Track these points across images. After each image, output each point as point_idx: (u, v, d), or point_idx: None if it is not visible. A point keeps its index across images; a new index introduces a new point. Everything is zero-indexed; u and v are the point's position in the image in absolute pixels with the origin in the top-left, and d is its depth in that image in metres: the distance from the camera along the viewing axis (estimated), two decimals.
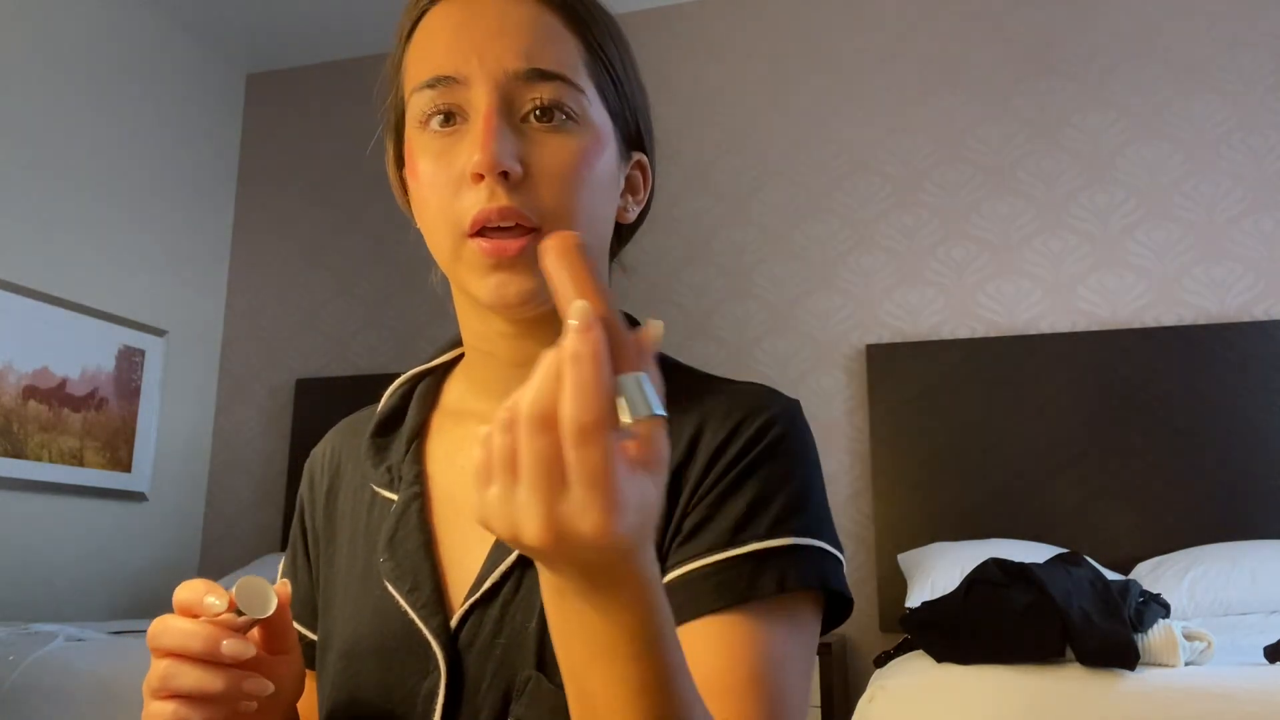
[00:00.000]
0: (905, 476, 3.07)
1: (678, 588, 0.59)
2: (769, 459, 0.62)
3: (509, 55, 0.61)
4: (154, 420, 3.66)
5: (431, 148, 0.62)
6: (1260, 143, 3.03)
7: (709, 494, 0.62)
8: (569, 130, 0.62)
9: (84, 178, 3.44)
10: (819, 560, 0.61)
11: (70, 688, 2.16)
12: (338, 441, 0.78)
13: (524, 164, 0.60)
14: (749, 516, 0.60)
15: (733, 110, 3.55)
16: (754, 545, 0.59)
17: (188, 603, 0.55)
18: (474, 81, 0.60)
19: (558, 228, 0.60)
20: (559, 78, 0.61)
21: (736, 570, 0.59)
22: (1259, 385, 2.83)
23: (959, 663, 1.76)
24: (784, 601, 0.59)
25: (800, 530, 0.61)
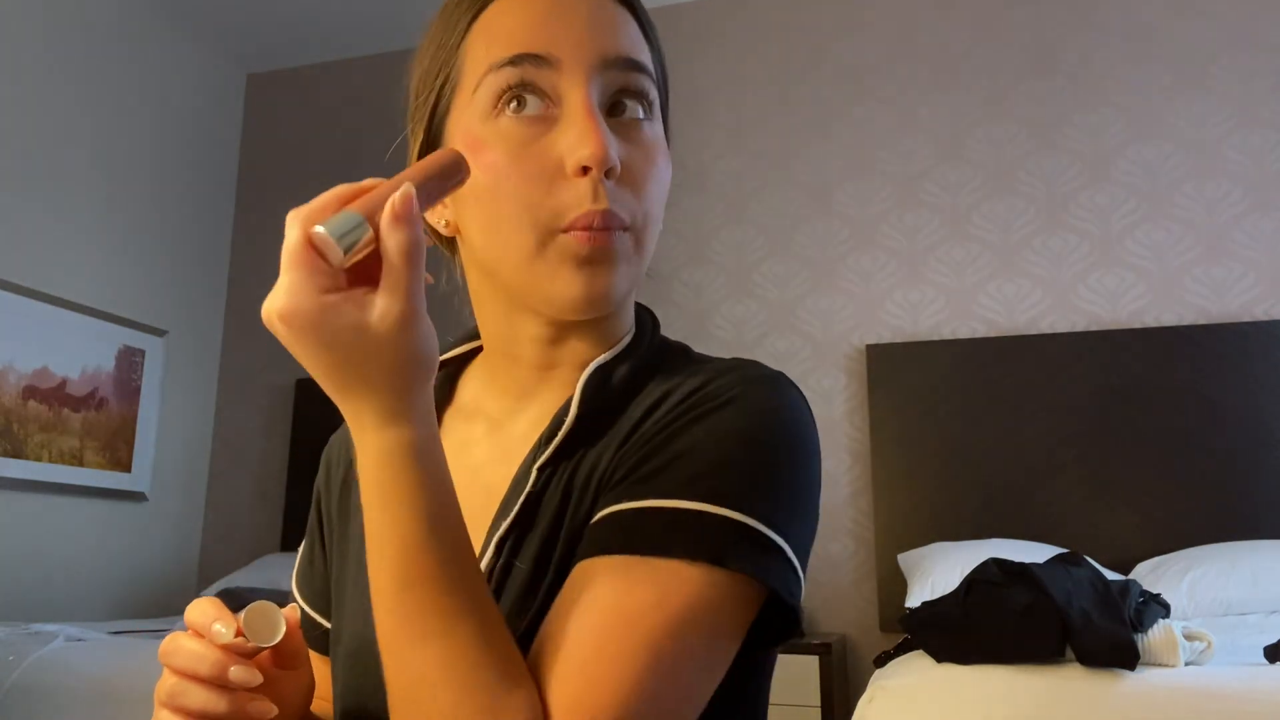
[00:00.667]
0: (905, 476, 3.07)
1: (582, 539, 0.56)
2: (706, 417, 0.56)
3: (607, 41, 0.59)
4: (154, 420, 3.66)
5: (512, 136, 0.58)
6: (1260, 143, 3.03)
7: (639, 449, 0.57)
8: (648, 128, 0.61)
9: (84, 178, 3.44)
10: (728, 534, 0.52)
11: (70, 688, 2.16)
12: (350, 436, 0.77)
13: (624, 162, 0.59)
14: (661, 470, 0.55)
15: (733, 110, 3.55)
16: (653, 500, 0.54)
17: (196, 625, 0.56)
18: (566, 65, 0.58)
19: (645, 230, 0.60)
20: (647, 71, 0.61)
21: (627, 522, 0.53)
22: (1259, 385, 2.83)
23: (959, 663, 1.76)
24: (673, 567, 0.52)
25: (711, 496, 0.53)
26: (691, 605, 0.52)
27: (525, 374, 0.66)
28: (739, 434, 0.56)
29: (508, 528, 0.61)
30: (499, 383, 0.68)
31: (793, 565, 0.55)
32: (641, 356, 0.65)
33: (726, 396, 0.57)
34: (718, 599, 0.53)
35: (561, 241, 0.57)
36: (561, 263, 0.58)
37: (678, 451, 0.56)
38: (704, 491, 0.54)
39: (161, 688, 0.56)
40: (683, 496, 0.54)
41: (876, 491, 3.08)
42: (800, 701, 2.65)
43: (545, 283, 0.59)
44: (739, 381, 0.58)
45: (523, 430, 0.66)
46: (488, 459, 0.67)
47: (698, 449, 0.55)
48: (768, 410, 0.57)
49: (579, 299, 0.58)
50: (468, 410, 0.70)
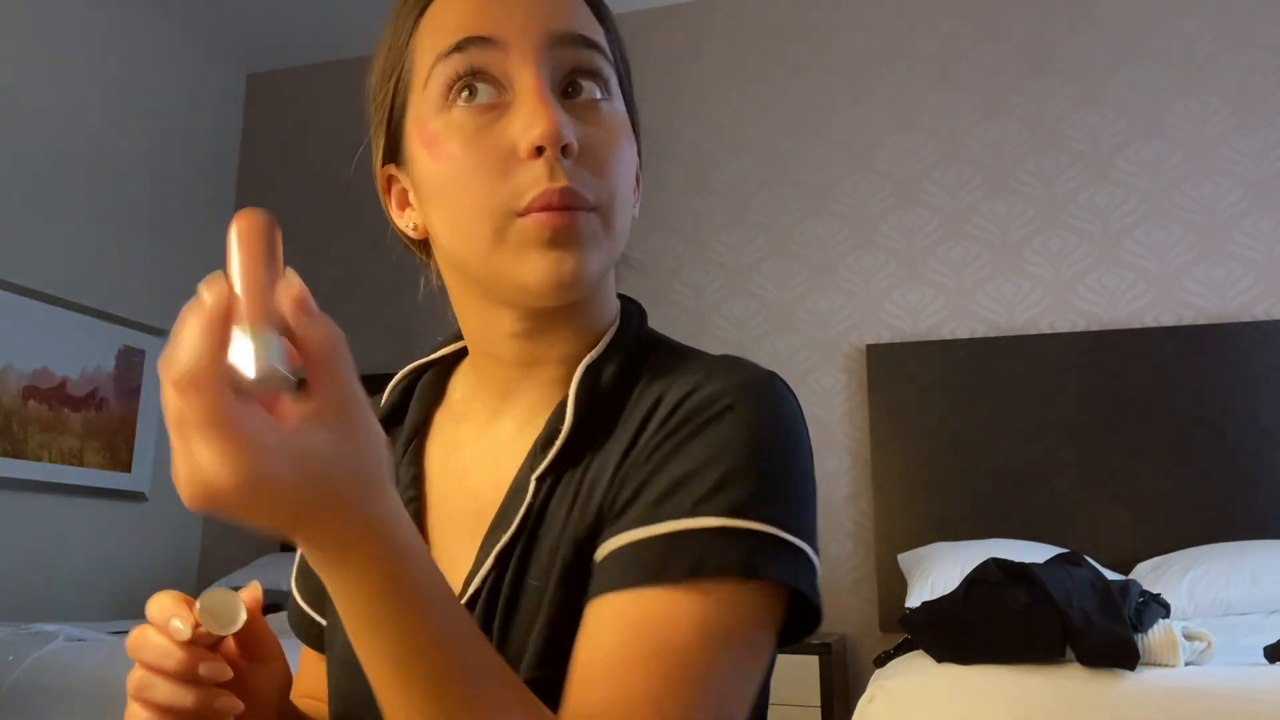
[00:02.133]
0: (905, 476, 3.07)
1: (598, 566, 0.55)
2: (707, 429, 0.55)
3: (553, 18, 0.57)
4: (154, 420, 3.66)
5: (465, 126, 0.57)
6: (1260, 143, 3.03)
7: (643, 467, 0.56)
8: (607, 109, 0.59)
9: (84, 177, 3.44)
10: (753, 545, 0.53)
11: (70, 688, 2.16)
12: None
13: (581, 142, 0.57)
14: (672, 491, 0.54)
15: (733, 110, 3.55)
16: (670, 525, 0.53)
17: (156, 621, 0.55)
18: (513, 45, 0.56)
19: (611, 207, 0.58)
20: (598, 47, 0.59)
21: (649, 550, 0.53)
22: (1259, 385, 2.83)
23: (959, 663, 1.76)
24: (706, 587, 0.52)
25: (732, 509, 0.53)
26: (730, 624, 0.52)
27: (507, 372, 0.65)
28: (744, 444, 0.55)
29: (509, 540, 0.60)
30: (483, 382, 0.68)
31: (812, 564, 0.56)
32: (629, 352, 0.64)
33: (724, 404, 0.56)
34: (753, 611, 0.53)
35: (522, 226, 0.56)
36: (525, 247, 0.56)
37: (684, 469, 0.55)
38: (720, 507, 0.53)
39: (131, 680, 0.56)
40: (700, 515, 0.53)
41: (876, 491, 3.08)
42: (800, 701, 2.65)
43: (512, 269, 0.57)
44: (734, 388, 0.57)
45: (510, 432, 0.66)
46: (475, 462, 0.66)
47: (705, 465, 0.54)
48: (766, 416, 0.57)
49: (548, 283, 0.56)
50: (457, 411, 0.70)
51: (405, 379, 0.73)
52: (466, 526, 0.64)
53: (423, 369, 0.73)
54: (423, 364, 0.73)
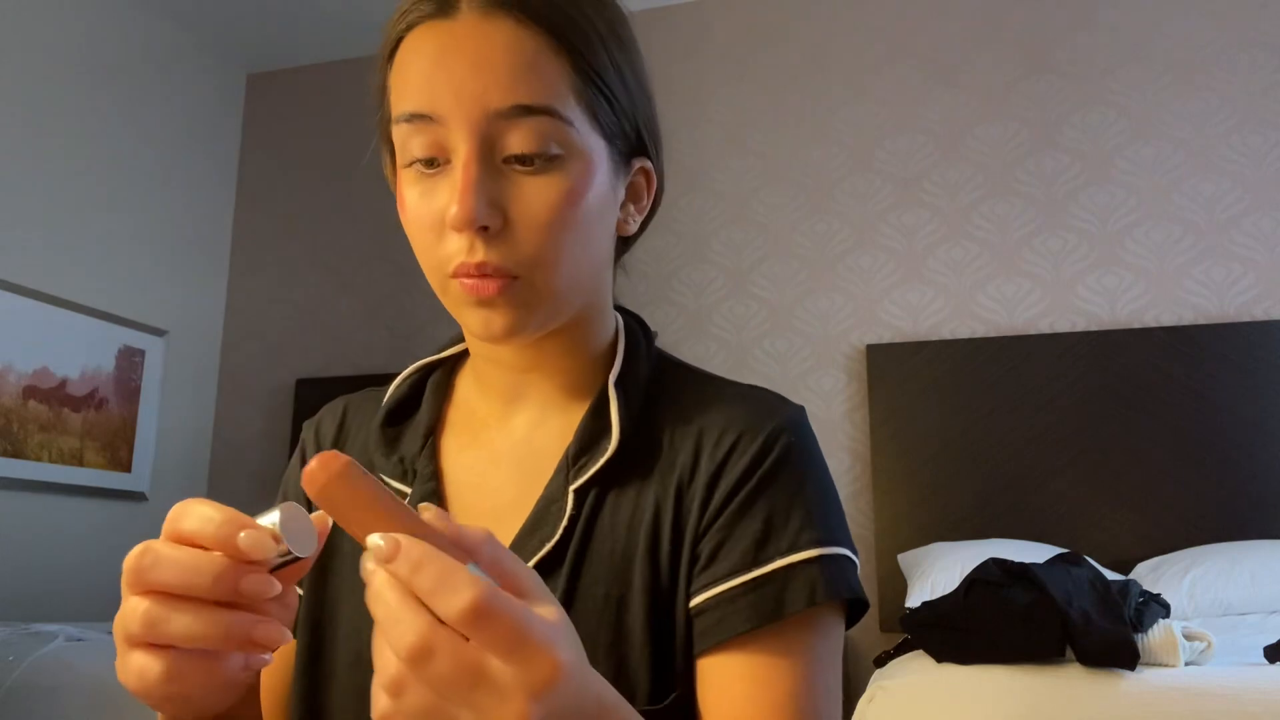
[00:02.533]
0: (905, 476, 3.07)
1: (704, 613, 0.60)
2: (779, 472, 0.62)
3: (489, 92, 0.57)
4: (154, 420, 3.66)
5: (415, 184, 0.61)
6: (1260, 143, 3.03)
7: (720, 515, 0.62)
8: (554, 168, 0.59)
9: (84, 178, 3.44)
10: (843, 568, 0.61)
11: (70, 688, 2.16)
12: (350, 415, 0.76)
13: (505, 211, 0.58)
14: (767, 533, 0.61)
15: (733, 110, 3.55)
16: (779, 562, 0.60)
17: (200, 536, 0.43)
18: (452, 122, 0.58)
19: (538, 275, 0.59)
20: (544, 111, 0.58)
21: (764, 589, 0.59)
22: (1259, 385, 2.83)
23: (959, 663, 1.76)
24: (812, 614, 0.60)
25: (823, 540, 0.61)
26: (831, 645, 0.61)
27: (507, 376, 0.69)
28: (811, 481, 0.64)
29: (553, 549, 0.62)
30: (486, 384, 0.71)
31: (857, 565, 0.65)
32: (648, 370, 0.69)
33: (785, 447, 0.64)
34: (839, 626, 0.63)
35: (454, 285, 0.60)
36: (459, 304, 0.61)
37: (770, 512, 0.62)
38: (815, 538, 0.61)
39: (129, 617, 0.43)
40: (801, 549, 0.60)
41: (876, 491, 3.08)
42: None
43: (457, 318, 0.63)
44: (785, 428, 0.64)
45: (524, 431, 0.68)
46: (494, 461, 0.68)
47: (786, 507, 0.62)
48: (814, 449, 0.66)
49: (486, 335, 0.61)
50: (466, 409, 0.72)
51: (414, 375, 0.74)
52: (485, 522, 0.65)
53: (430, 367, 0.75)
54: (430, 362, 0.75)
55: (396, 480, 0.69)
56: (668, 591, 0.62)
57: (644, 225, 0.72)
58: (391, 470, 0.69)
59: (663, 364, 0.72)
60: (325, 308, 3.90)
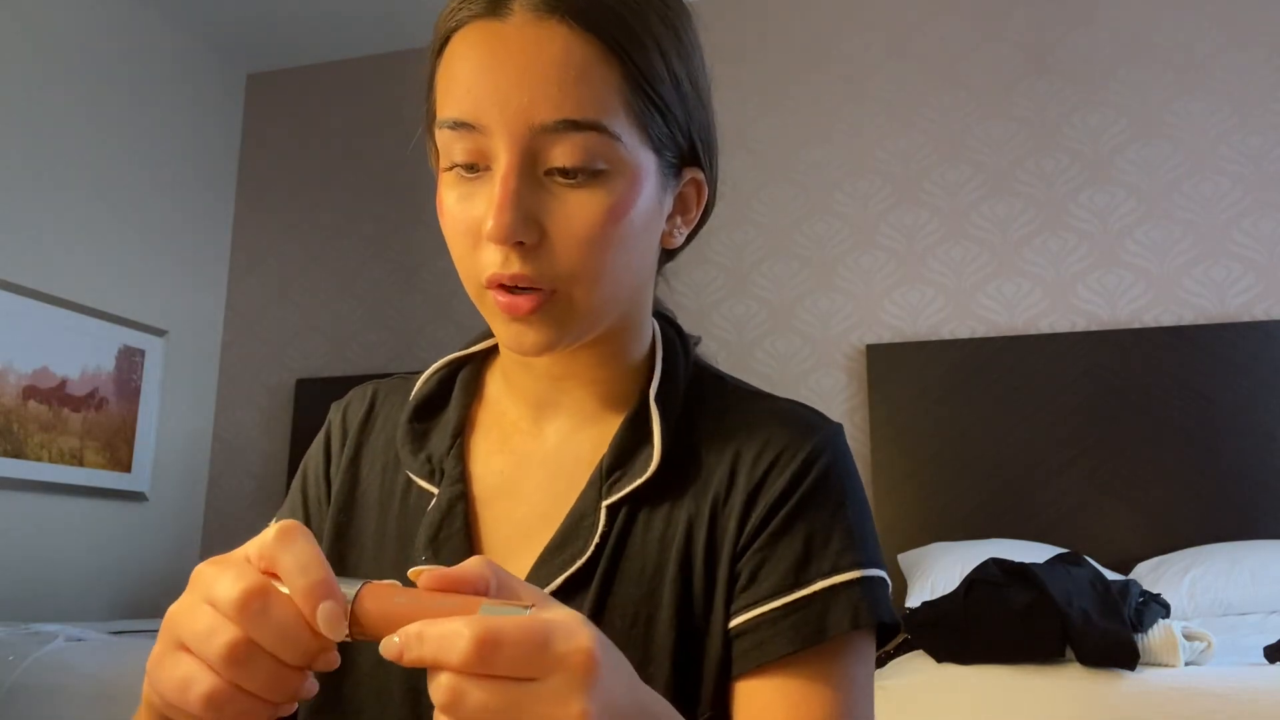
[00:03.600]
0: (905, 476, 3.07)
1: (745, 634, 0.60)
2: (818, 492, 0.62)
3: (535, 106, 0.55)
4: (154, 420, 3.65)
5: (455, 189, 0.60)
6: (1260, 143, 3.03)
7: (759, 535, 0.61)
8: (598, 183, 0.57)
9: (84, 178, 3.44)
10: (880, 590, 0.61)
11: (70, 688, 2.16)
12: (379, 403, 0.74)
13: (544, 225, 0.57)
14: (808, 554, 0.60)
15: (733, 110, 3.55)
16: (820, 583, 0.60)
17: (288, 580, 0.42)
18: (495, 132, 0.56)
19: (576, 290, 0.58)
20: (591, 127, 0.56)
21: (806, 610, 0.59)
22: (1259, 385, 2.83)
23: (959, 663, 1.76)
24: (851, 637, 0.60)
25: (863, 561, 0.61)
26: (867, 667, 0.61)
27: (539, 383, 0.67)
28: (849, 502, 0.63)
29: (584, 564, 0.61)
30: (516, 388, 0.69)
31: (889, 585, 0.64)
32: (686, 382, 0.68)
33: (824, 466, 0.63)
34: (872, 646, 0.62)
35: (489, 296, 0.59)
36: (493, 315, 0.60)
37: (810, 533, 0.61)
38: (854, 560, 0.61)
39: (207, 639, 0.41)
40: (841, 571, 0.60)
41: (876, 491, 3.08)
42: None
43: (491, 324, 0.62)
44: (825, 448, 0.64)
45: (555, 441, 0.67)
46: (524, 468, 0.67)
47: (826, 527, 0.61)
48: (852, 470, 0.65)
49: (517, 348, 0.61)
50: (496, 410, 0.71)
51: (442, 370, 0.73)
52: (515, 534, 0.65)
53: (459, 362, 0.74)
54: (459, 357, 0.74)
55: (424, 479, 0.67)
56: (701, 612, 0.61)
57: (691, 236, 0.70)
58: (419, 469, 0.68)
59: (701, 375, 0.70)
60: (325, 308, 3.90)
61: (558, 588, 0.61)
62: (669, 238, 0.66)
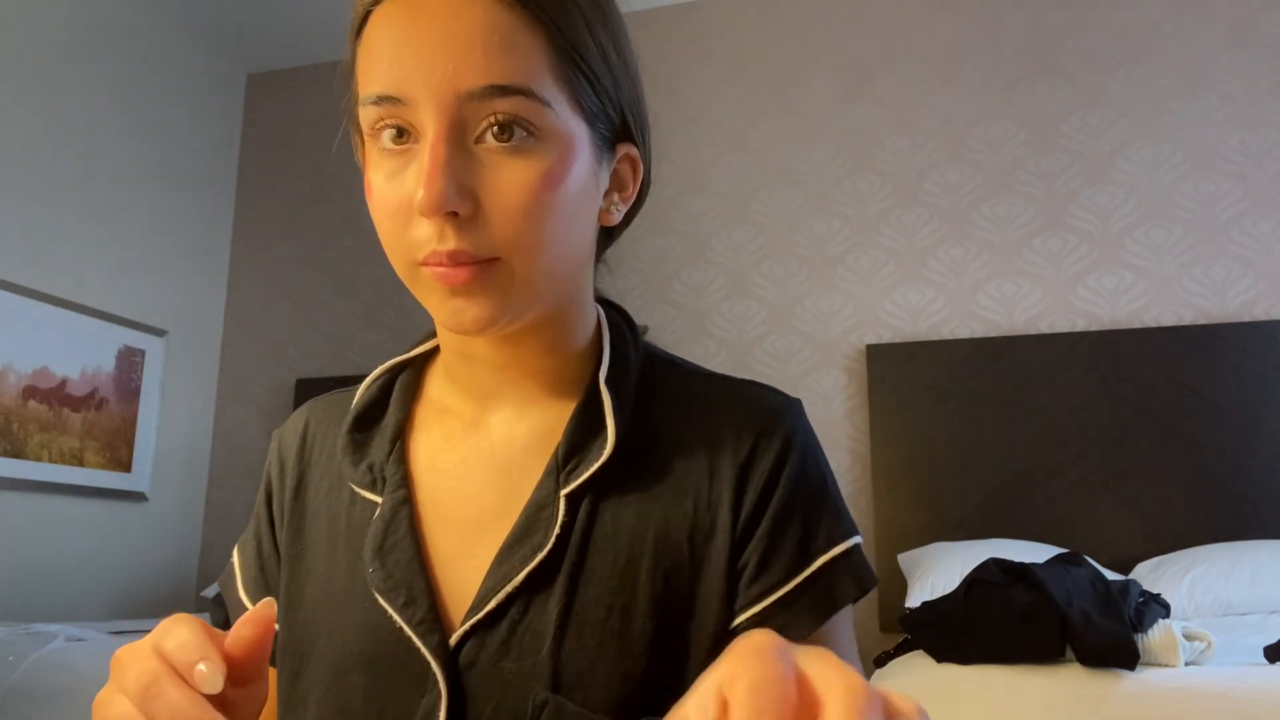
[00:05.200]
0: (905, 476, 3.07)
1: (766, 621, 0.61)
2: (803, 474, 0.64)
3: (460, 74, 0.54)
4: (154, 420, 3.66)
5: (383, 165, 0.58)
6: (1260, 143, 3.03)
7: (758, 526, 0.62)
8: (529, 150, 0.56)
9: (84, 177, 3.44)
10: (860, 556, 0.64)
11: (70, 688, 2.16)
12: (313, 424, 0.72)
13: (476, 195, 0.55)
14: (808, 532, 0.62)
15: (733, 110, 3.55)
16: (823, 558, 0.62)
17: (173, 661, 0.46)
18: (421, 103, 0.55)
19: (516, 260, 0.56)
20: (518, 92, 0.54)
21: (815, 586, 0.61)
22: (1259, 385, 2.83)
23: (959, 663, 1.76)
24: (849, 614, 0.65)
25: (851, 530, 0.64)
26: (852, 631, 0.65)
27: (482, 374, 0.65)
28: (823, 475, 0.65)
29: (545, 558, 0.59)
30: (459, 382, 0.67)
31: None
32: (639, 369, 0.67)
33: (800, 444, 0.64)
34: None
35: (424, 274, 0.57)
36: (429, 293, 0.58)
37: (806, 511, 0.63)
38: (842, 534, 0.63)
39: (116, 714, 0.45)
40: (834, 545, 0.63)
41: (876, 491, 3.08)
42: None
43: (427, 307, 0.60)
44: (796, 427, 0.65)
45: (502, 432, 0.65)
46: (469, 464, 0.65)
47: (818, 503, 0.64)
48: (812, 435, 0.66)
49: (456, 326, 0.58)
50: (438, 408, 0.69)
51: (382, 376, 0.71)
52: (467, 532, 0.63)
53: (399, 367, 0.72)
54: (399, 362, 0.72)
55: (365, 489, 0.66)
56: (684, 604, 0.60)
57: (630, 217, 0.68)
58: (360, 479, 0.66)
59: (653, 360, 0.69)
60: (325, 308, 3.90)
61: (521, 583, 0.59)
62: (607, 214, 0.64)
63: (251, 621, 0.47)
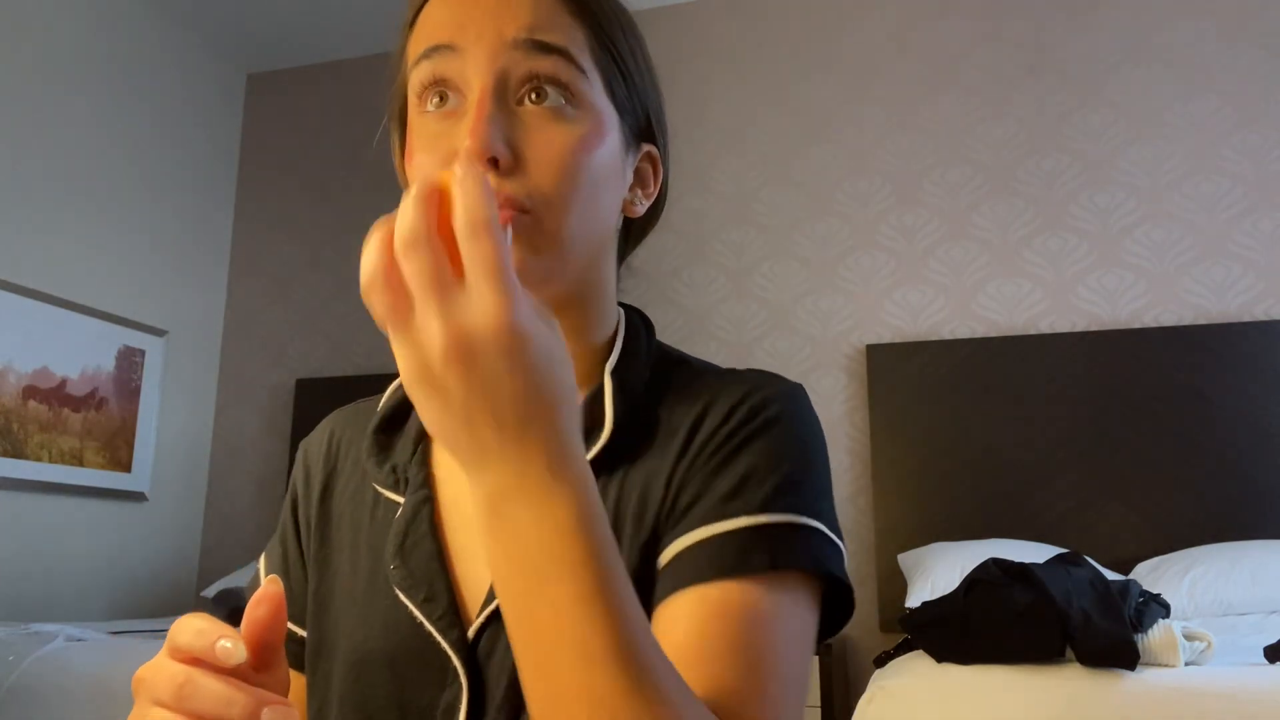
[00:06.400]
0: (905, 476, 3.07)
1: (667, 566, 0.57)
2: (763, 434, 0.60)
3: (509, 25, 0.58)
4: (154, 420, 3.65)
5: (428, 130, 0.60)
6: (1260, 143, 3.03)
7: (701, 470, 0.60)
8: (567, 115, 0.59)
9: (84, 177, 3.44)
10: (816, 542, 0.58)
11: (70, 688, 2.16)
12: (338, 431, 0.75)
13: (516, 149, 0.57)
14: (739, 490, 0.58)
15: (733, 110, 3.55)
16: (744, 520, 0.57)
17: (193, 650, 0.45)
18: (470, 51, 0.58)
19: (548, 213, 0.58)
20: (560, 51, 0.59)
21: (726, 544, 0.56)
22: (1259, 385, 2.83)
23: (959, 663, 1.76)
24: (776, 579, 0.56)
25: (796, 508, 0.58)
26: (800, 615, 0.57)
27: None
28: (799, 449, 0.61)
29: None
30: None
31: (844, 555, 0.61)
32: (649, 365, 0.67)
33: (775, 411, 0.61)
34: (813, 604, 0.58)
35: None
36: None
37: (748, 469, 0.59)
38: (788, 505, 0.58)
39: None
40: (770, 511, 0.57)
41: (876, 491, 3.08)
42: None
43: None
44: (779, 397, 0.62)
45: None
46: None
47: (767, 466, 0.59)
48: (811, 423, 0.63)
49: None
50: None
51: None
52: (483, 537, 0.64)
53: None
54: None
55: (389, 490, 0.67)
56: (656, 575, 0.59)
57: (650, 219, 0.72)
58: (384, 480, 0.68)
59: (665, 358, 0.70)
60: (325, 308, 3.90)
61: None
62: (631, 206, 0.68)
63: (262, 600, 0.47)
